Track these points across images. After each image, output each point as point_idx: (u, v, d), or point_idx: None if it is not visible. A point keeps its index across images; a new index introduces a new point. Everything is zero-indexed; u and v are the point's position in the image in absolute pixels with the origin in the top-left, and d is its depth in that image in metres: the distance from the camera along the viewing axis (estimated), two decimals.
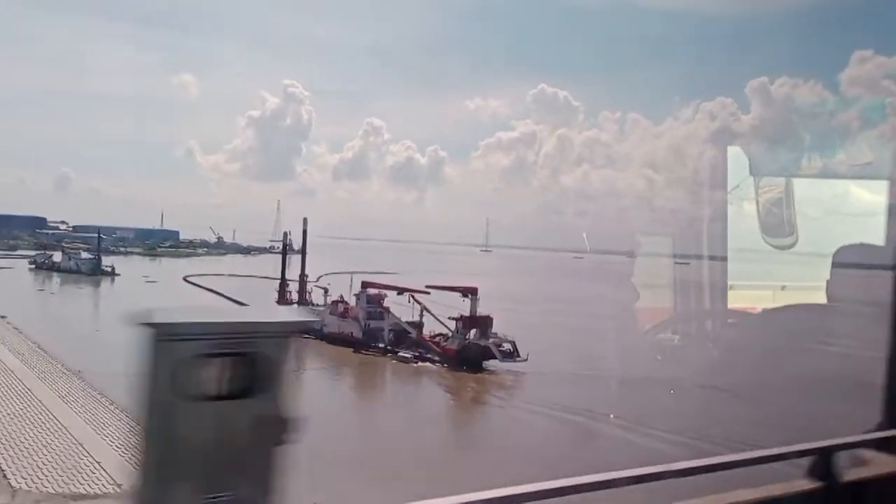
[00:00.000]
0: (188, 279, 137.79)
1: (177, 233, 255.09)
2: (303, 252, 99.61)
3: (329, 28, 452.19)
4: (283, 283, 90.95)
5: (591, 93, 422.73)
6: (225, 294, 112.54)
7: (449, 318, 77.20)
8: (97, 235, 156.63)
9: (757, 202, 20.45)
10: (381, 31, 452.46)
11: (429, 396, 63.50)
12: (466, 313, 76.04)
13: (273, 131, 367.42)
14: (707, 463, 4.89)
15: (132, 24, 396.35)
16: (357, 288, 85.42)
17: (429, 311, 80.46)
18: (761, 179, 20.86)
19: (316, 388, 60.45)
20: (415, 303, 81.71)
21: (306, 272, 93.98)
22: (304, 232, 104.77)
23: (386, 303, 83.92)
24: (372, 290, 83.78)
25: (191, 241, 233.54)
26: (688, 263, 77.97)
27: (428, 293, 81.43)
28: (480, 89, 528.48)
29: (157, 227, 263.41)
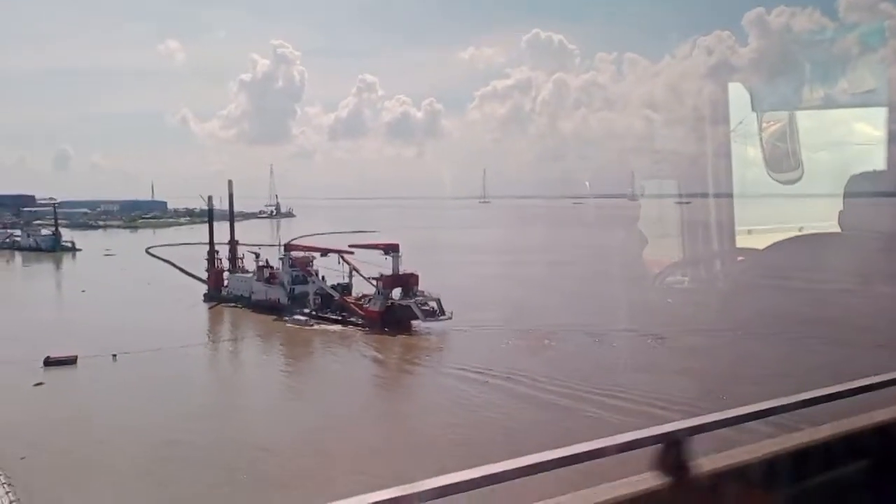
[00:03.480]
0: (150, 250, 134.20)
1: (164, 203, 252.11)
2: (230, 217, 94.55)
3: None
4: (212, 250, 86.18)
5: (586, 35, 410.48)
6: (177, 264, 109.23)
7: (369, 277, 72.28)
8: (53, 210, 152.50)
9: (760, 138, 20.31)
10: None
11: (331, 365, 58.47)
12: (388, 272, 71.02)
13: (266, 94, 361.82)
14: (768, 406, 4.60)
15: None
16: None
17: (357, 272, 75.55)
18: (763, 115, 20.68)
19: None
20: (344, 263, 76.90)
21: (236, 238, 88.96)
22: (230, 195, 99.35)
23: (322, 263, 79.34)
24: (296, 253, 78.77)
25: (175, 211, 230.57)
26: (689, 202, 72.27)
27: (351, 252, 76.28)
28: (473, 38, 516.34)
29: (148, 198, 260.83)
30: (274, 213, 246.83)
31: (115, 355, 57.02)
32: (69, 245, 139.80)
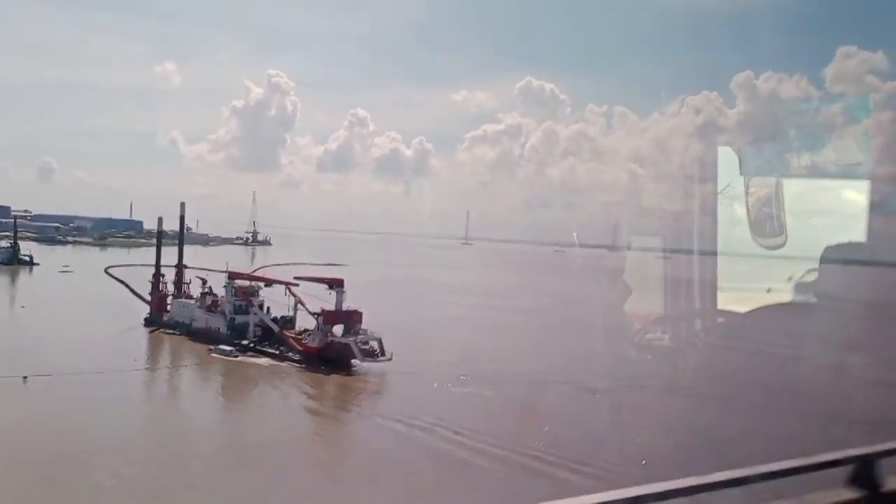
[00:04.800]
0: (109, 269, 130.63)
1: (140, 223, 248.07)
2: (180, 240, 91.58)
3: (315, 19, 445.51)
4: (158, 273, 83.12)
5: (577, 86, 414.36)
6: (130, 286, 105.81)
7: (309, 312, 69.32)
8: (13, 223, 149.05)
9: (746, 201, 20.72)
10: (368, 23, 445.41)
11: (235, 405, 54.47)
12: (331, 307, 68.11)
13: (257, 122, 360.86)
14: (738, 475, 4.69)
15: (114, 12, 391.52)
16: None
17: (303, 305, 72.62)
18: (750, 179, 20.93)
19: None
20: (290, 295, 74.03)
21: (184, 261, 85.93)
22: (181, 217, 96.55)
23: (269, 294, 76.44)
24: (240, 282, 75.77)
25: (149, 232, 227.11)
26: (669, 257, 70.19)
27: (297, 285, 73.44)
28: (467, 82, 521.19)
29: (126, 216, 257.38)
30: (249, 241, 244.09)
31: (25, 377, 53.76)
32: (27, 259, 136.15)
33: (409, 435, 45.03)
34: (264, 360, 64.91)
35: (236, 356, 65.61)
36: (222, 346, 67.14)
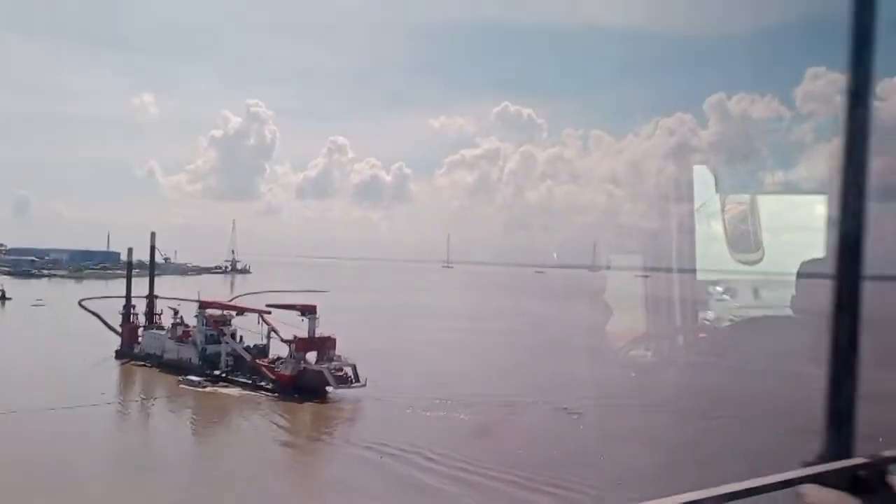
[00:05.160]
0: (82, 302, 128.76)
1: (117, 254, 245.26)
2: (151, 270, 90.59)
3: (293, 49, 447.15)
4: (128, 304, 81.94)
5: (554, 110, 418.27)
6: (103, 318, 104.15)
7: (281, 339, 68.46)
8: None
9: (723, 219, 20.94)
10: (346, 52, 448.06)
11: (200, 440, 53.06)
12: (304, 334, 67.31)
13: (236, 151, 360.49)
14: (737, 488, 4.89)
15: (92, 45, 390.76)
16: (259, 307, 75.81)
17: (276, 333, 71.64)
18: (726, 196, 21.25)
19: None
20: (263, 323, 73.11)
21: (156, 292, 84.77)
22: (152, 247, 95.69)
23: (242, 323, 75.38)
24: (212, 311, 74.76)
25: (125, 263, 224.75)
26: (648, 276, 70.21)
27: (269, 312, 72.55)
28: (445, 107, 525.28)
29: (103, 248, 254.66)
30: (228, 269, 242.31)
31: None
32: None
33: (379, 462, 44.24)
34: (235, 391, 63.76)
35: (205, 387, 64.44)
36: (191, 378, 65.97)
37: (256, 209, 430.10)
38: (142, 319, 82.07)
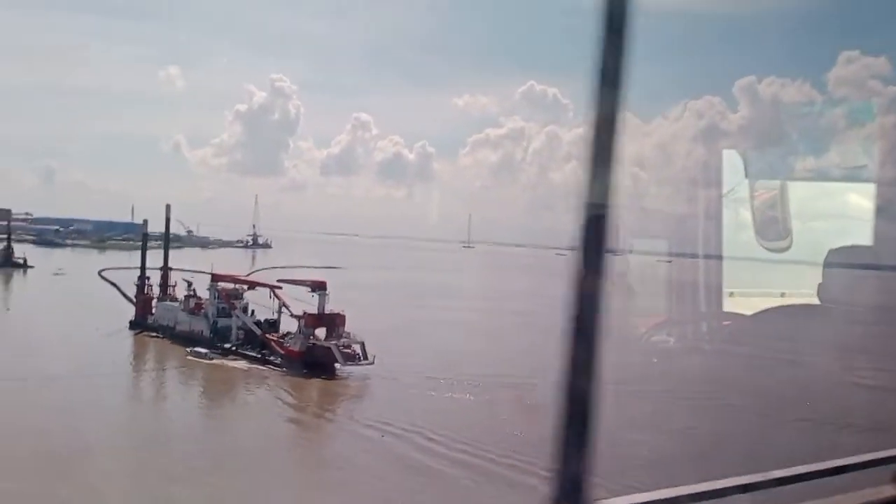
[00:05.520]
0: (102, 272, 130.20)
1: (141, 225, 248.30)
2: (165, 242, 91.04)
3: (317, 23, 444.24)
4: (143, 275, 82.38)
5: (580, 90, 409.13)
6: (120, 288, 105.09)
7: (291, 315, 68.33)
8: (7, 224, 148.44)
9: (751, 205, 20.24)
10: (370, 27, 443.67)
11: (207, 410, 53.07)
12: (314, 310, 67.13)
13: (261, 126, 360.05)
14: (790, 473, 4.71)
15: (117, 17, 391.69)
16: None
17: (287, 308, 71.52)
18: (755, 182, 20.55)
19: None
20: (274, 298, 73.07)
21: (170, 264, 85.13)
22: (167, 219, 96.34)
23: (252, 296, 75.44)
24: (224, 284, 74.82)
25: (151, 234, 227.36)
26: (671, 261, 69.20)
27: (280, 287, 72.46)
28: (469, 86, 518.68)
29: (128, 220, 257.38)
30: (249, 244, 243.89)
31: None
32: (21, 262, 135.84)
33: (380, 441, 43.92)
34: (242, 364, 63.91)
35: (212, 359, 64.63)
36: (198, 349, 66.22)
37: (281, 185, 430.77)
38: (156, 291, 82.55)
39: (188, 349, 67.11)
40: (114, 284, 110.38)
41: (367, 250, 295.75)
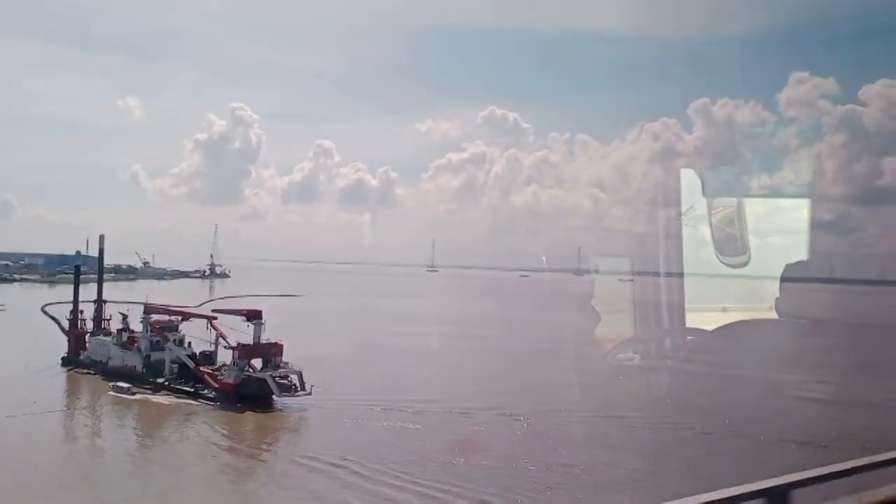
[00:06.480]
0: (45, 308, 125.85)
1: (94, 259, 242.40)
2: (99, 275, 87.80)
3: (278, 53, 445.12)
4: (76, 310, 79.00)
5: (540, 115, 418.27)
6: (61, 323, 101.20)
7: (225, 346, 65.68)
8: None
9: (710, 222, 20.61)
10: (332, 56, 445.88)
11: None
12: (250, 341, 64.51)
13: (221, 155, 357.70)
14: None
15: (77, 48, 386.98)
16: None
17: (224, 339, 68.74)
18: (712, 200, 20.96)
19: None
20: (211, 329, 70.30)
21: (104, 298, 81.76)
22: (101, 251, 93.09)
23: (191, 327, 72.57)
24: (157, 317, 71.83)
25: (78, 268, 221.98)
26: (632, 280, 67.84)
27: (215, 318, 69.83)
28: (431, 111, 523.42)
29: (83, 253, 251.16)
30: (207, 274, 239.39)
31: None
32: None
33: (304, 478, 41.52)
34: (167, 399, 60.82)
35: (134, 394, 61.51)
36: (120, 384, 63.11)
37: (241, 213, 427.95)
38: (90, 325, 79.19)
39: (111, 384, 63.95)
40: (54, 319, 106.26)
41: (330, 277, 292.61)
